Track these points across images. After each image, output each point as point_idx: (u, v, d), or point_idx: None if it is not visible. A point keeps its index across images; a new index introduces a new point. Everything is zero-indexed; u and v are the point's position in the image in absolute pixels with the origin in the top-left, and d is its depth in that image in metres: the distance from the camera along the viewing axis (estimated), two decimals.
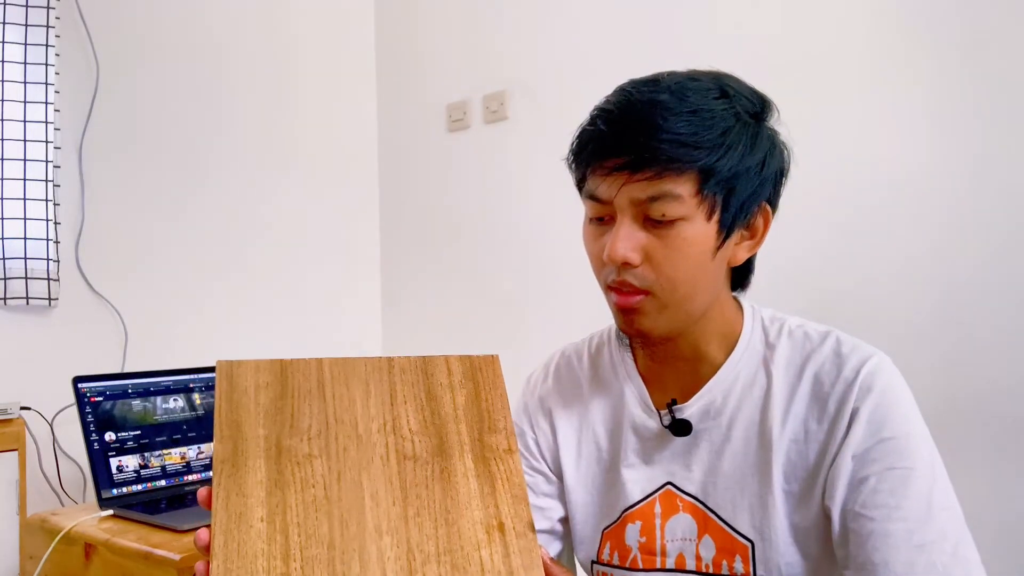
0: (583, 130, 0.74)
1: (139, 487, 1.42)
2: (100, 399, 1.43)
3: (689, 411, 0.77)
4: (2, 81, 1.57)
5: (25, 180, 1.59)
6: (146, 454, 1.45)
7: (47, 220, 1.61)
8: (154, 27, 1.89)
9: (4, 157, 1.57)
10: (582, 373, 0.87)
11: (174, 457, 1.49)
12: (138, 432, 1.46)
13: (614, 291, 0.72)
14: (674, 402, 0.78)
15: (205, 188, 1.97)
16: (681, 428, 0.77)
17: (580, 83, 1.93)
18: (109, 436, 1.42)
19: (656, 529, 0.76)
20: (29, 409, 1.54)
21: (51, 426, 1.61)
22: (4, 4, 1.56)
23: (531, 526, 0.56)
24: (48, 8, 1.60)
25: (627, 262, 0.69)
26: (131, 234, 1.82)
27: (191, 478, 1.49)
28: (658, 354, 0.79)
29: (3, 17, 1.57)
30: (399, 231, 2.39)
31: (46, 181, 1.61)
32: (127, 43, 1.83)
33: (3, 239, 1.57)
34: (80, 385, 1.42)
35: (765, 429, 0.74)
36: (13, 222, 1.58)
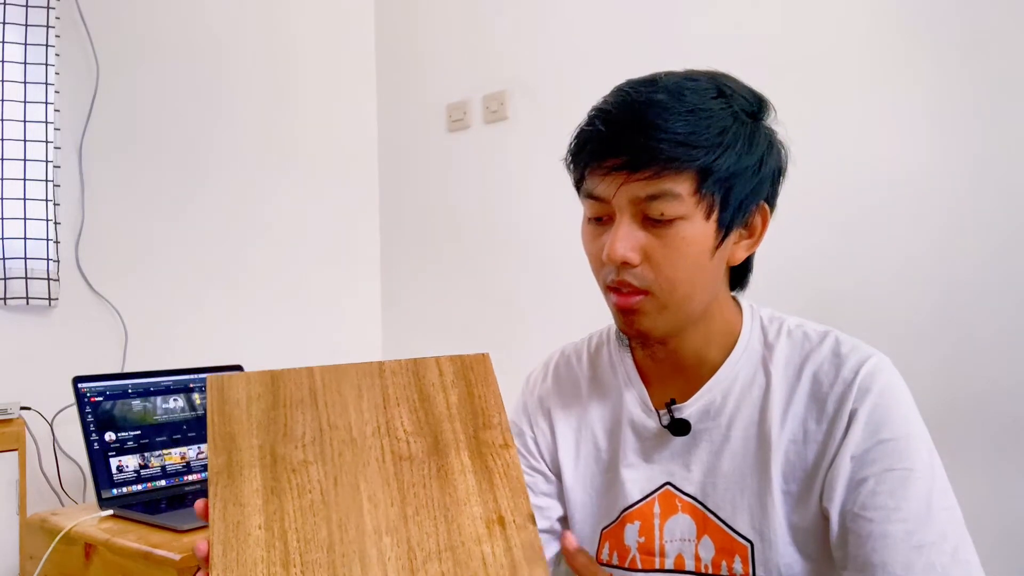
0: (581, 130, 0.73)
1: (139, 487, 1.42)
2: (100, 399, 1.43)
3: (688, 411, 0.77)
4: (2, 81, 1.57)
5: (25, 180, 1.59)
6: (146, 454, 1.45)
7: (47, 220, 1.61)
8: (154, 27, 1.89)
9: (4, 157, 1.57)
10: (581, 373, 0.87)
11: (174, 457, 1.49)
12: (138, 432, 1.46)
13: (613, 291, 0.72)
14: (673, 402, 0.78)
15: (205, 188, 1.97)
16: (680, 428, 0.76)
17: (580, 83, 1.93)
18: (109, 436, 1.42)
19: (655, 529, 0.76)
20: (29, 409, 1.54)
21: (51, 426, 1.61)
22: (4, 4, 1.56)
23: (531, 518, 0.56)
24: (48, 8, 1.60)
25: (626, 262, 0.69)
26: (131, 234, 1.82)
27: (191, 478, 1.49)
28: (657, 354, 0.79)
29: (3, 17, 1.57)
30: (399, 231, 2.39)
31: (46, 181, 1.61)
32: (127, 43, 1.83)
33: (3, 239, 1.57)
34: (80, 385, 1.42)
35: (764, 429, 0.74)
36: (13, 222, 1.58)
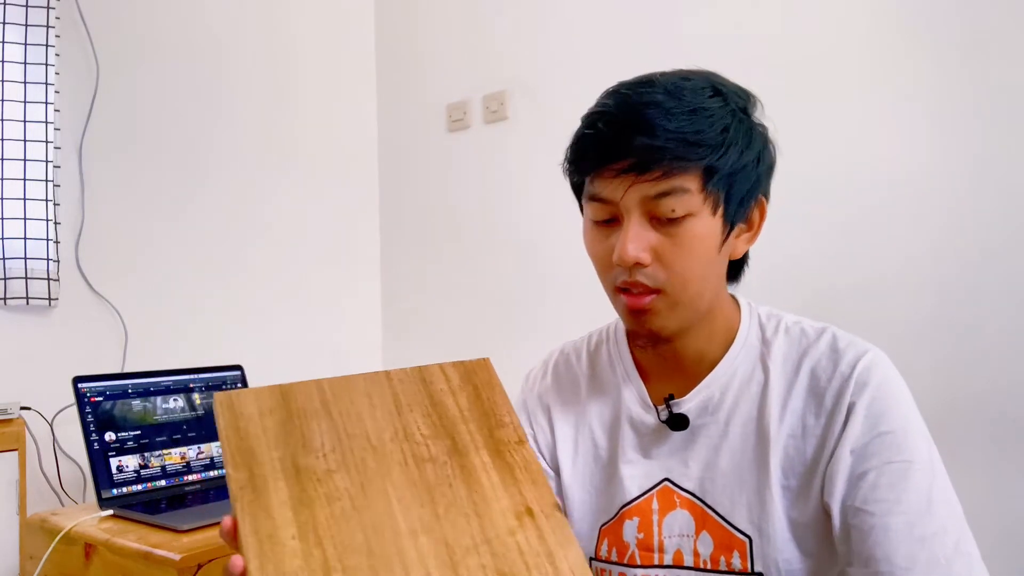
0: (582, 134, 0.72)
1: (139, 487, 1.42)
2: (100, 399, 1.43)
3: (687, 406, 0.77)
4: (2, 81, 1.57)
5: (25, 180, 1.59)
6: (146, 454, 1.45)
7: (47, 220, 1.61)
8: (154, 27, 1.89)
9: (4, 157, 1.57)
10: (580, 371, 0.88)
11: (174, 457, 1.49)
12: (138, 432, 1.46)
13: (624, 293, 0.72)
14: (671, 397, 0.78)
15: (205, 188, 1.97)
16: (679, 422, 0.77)
17: (580, 83, 1.93)
18: (109, 436, 1.42)
19: (654, 525, 0.76)
20: (29, 409, 1.54)
21: (51, 426, 1.61)
22: (4, 4, 1.56)
23: (557, 506, 0.57)
24: (48, 8, 1.60)
25: (639, 262, 0.69)
26: (131, 234, 1.82)
27: (191, 478, 1.49)
28: (658, 351, 0.79)
29: (3, 17, 1.57)
30: (399, 231, 2.39)
31: (46, 181, 1.61)
32: (127, 43, 1.83)
33: (3, 239, 1.57)
34: (80, 385, 1.42)
35: (762, 425, 0.74)
36: (13, 222, 1.58)
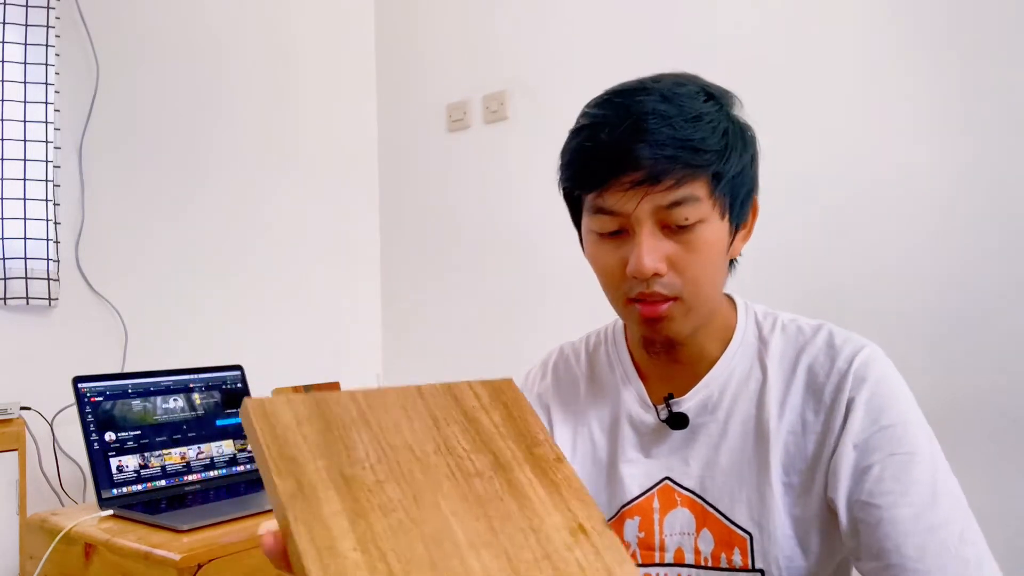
0: (582, 147, 0.71)
1: (139, 487, 1.42)
2: (100, 399, 1.43)
3: (686, 405, 0.78)
4: (2, 81, 1.57)
5: (25, 180, 1.59)
6: (146, 454, 1.45)
7: (47, 220, 1.61)
8: (154, 27, 1.89)
9: (4, 157, 1.57)
10: (580, 372, 0.88)
11: (174, 457, 1.49)
12: (138, 432, 1.46)
13: (638, 303, 0.71)
14: (671, 396, 0.78)
15: (205, 188, 1.97)
16: (678, 421, 0.77)
17: (580, 83, 1.92)
18: (109, 436, 1.42)
19: (655, 524, 0.77)
20: (29, 409, 1.54)
21: (51, 426, 1.61)
22: (4, 4, 1.56)
23: (606, 523, 0.56)
24: (48, 8, 1.60)
25: (656, 273, 0.69)
26: (131, 234, 1.82)
27: (191, 478, 1.49)
28: (661, 353, 0.79)
29: (3, 17, 1.57)
30: (399, 231, 2.39)
31: (46, 181, 1.61)
32: (127, 43, 1.83)
33: (3, 239, 1.57)
34: (80, 385, 1.42)
35: (761, 422, 0.74)
36: (13, 222, 1.58)
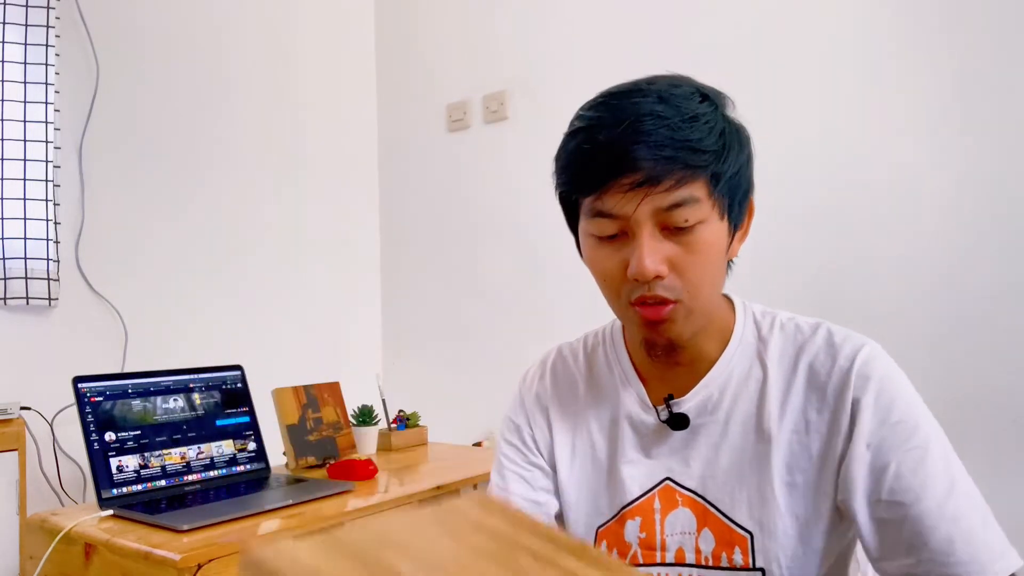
0: (579, 149, 0.70)
1: (139, 487, 1.42)
2: (100, 399, 1.43)
3: (686, 406, 0.77)
4: (2, 81, 1.57)
5: (25, 180, 1.59)
6: (146, 454, 1.45)
7: (47, 220, 1.61)
8: (154, 27, 1.89)
9: (4, 157, 1.57)
10: (578, 372, 0.87)
11: (174, 457, 1.48)
12: (138, 432, 1.45)
13: (640, 306, 0.71)
14: (671, 397, 0.78)
15: (205, 188, 1.97)
16: (679, 422, 0.77)
17: (580, 83, 1.92)
18: (109, 436, 1.41)
19: (656, 524, 0.77)
20: (29, 409, 1.54)
21: (51, 426, 1.61)
22: (4, 4, 1.56)
23: None
24: (48, 8, 1.60)
25: (658, 275, 0.68)
26: (131, 234, 1.82)
27: (191, 478, 1.49)
28: (662, 355, 0.79)
29: (3, 17, 1.57)
30: (399, 231, 2.39)
31: (46, 181, 1.61)
32: (127, 43, 1.83)
33: (3, 239, 1.57)
34: (80, 385, 1.41)
35: (762, 421, 0.74)
36: (13, 222, 1.58)
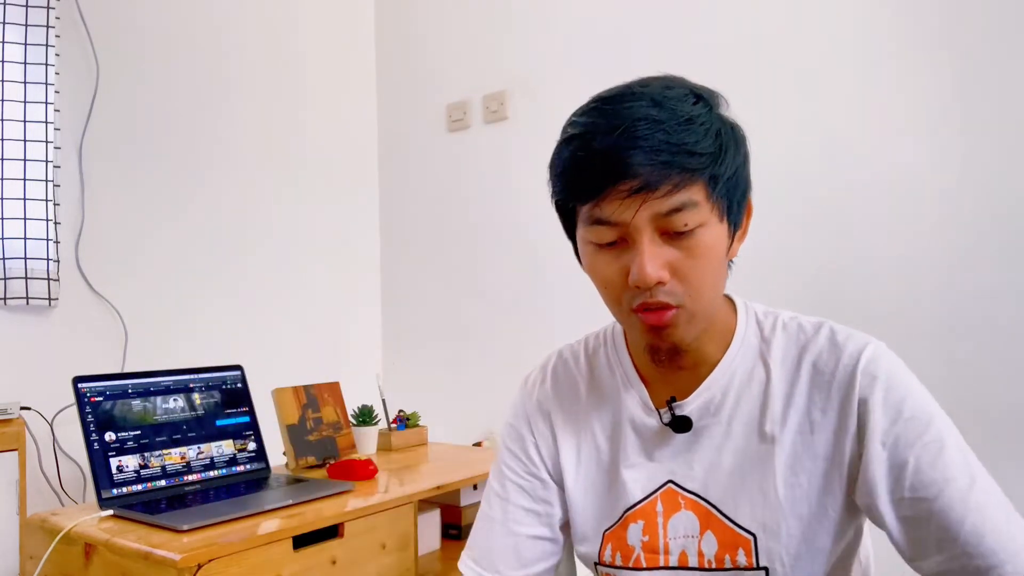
0: (575, 156, 0.69)
1: (139, 487, 1.42)
2: (100, 399, 1.43)
3: (689, 408, 0.77)
4: (2, 81, 1.57)
5: (25, 180, 1.59)
6: (146, 454, 1.45)
7: (47, 220, 1.61)
8: (154, 27, 1.89)
9: (4, 157, 1.57)
10: (580, 375, 0.87)
11: (174, 457, 1.48)
12: (138, 432, 1.45)
13: (642, 312, 0.70)
14: (673, 399, 0.78)
15: (205, 188, 1.97)
16: (681, 424, 0.77)
17: (580, 83, 1.93)
18: (109, 436, 1.41)
19: (658, 527, 0.76)
20: (29, 409, 1.54)
21: (51, 426, 1.60)
22: (4, 4, 1.56)
23: None
24: (48, 8, 1.60)
25: (659, 281, 0.68)
26: (131, 234, 1.82)
27: (191, 478, 1.49)
28: (666, 360, 0.78)
29: (3, 17, 1.57)
30: (399, 231, 2.39)
31: (46, 181, 1.61)
32: (127, 43, 1.83)
33: (3, 239, 1.57)
34: (80, 385, 1.41)
35: (765, 423, 0.74)
36: (13, 222, 1.58)
